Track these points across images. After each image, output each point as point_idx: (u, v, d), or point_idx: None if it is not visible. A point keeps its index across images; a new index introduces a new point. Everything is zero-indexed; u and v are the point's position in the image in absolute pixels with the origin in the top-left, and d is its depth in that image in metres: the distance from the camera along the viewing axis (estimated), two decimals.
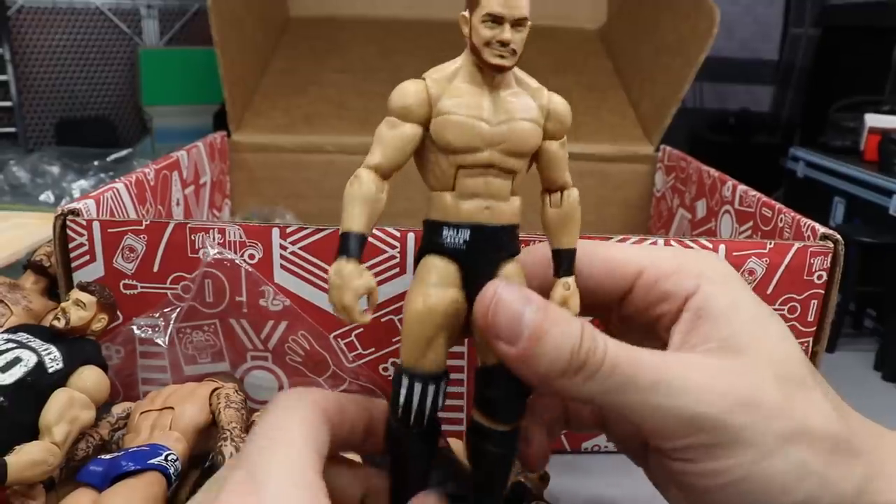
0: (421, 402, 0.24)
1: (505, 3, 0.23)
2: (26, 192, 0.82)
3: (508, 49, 0.24)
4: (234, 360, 0.41)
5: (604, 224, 0.77)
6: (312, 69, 0.85)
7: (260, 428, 0.22)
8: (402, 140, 0.24)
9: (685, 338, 0.24)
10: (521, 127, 0.24)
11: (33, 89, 1.18)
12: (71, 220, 0.38)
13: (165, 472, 0.30)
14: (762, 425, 0.21)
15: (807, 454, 0.21)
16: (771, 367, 0.23)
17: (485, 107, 0.24)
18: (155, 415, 0.34)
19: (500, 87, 0.25)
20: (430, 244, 0.25)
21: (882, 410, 0.27)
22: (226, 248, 0.38)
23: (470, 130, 0.24)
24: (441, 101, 0.24)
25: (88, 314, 0.34)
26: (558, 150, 0.26)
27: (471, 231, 0.24)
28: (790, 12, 1.56)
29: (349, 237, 0.23)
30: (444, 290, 0.24)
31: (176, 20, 1.23)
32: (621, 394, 0.22)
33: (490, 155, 0.24)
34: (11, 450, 0.29)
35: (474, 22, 0.24)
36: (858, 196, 0.76)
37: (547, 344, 0.21)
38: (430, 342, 0.24)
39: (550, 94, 0.26)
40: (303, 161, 0.75)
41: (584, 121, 0.81)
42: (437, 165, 0.25)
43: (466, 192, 0.24)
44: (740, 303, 0.24)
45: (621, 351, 0.22)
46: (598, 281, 0.27)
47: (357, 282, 0.22)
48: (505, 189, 0.25)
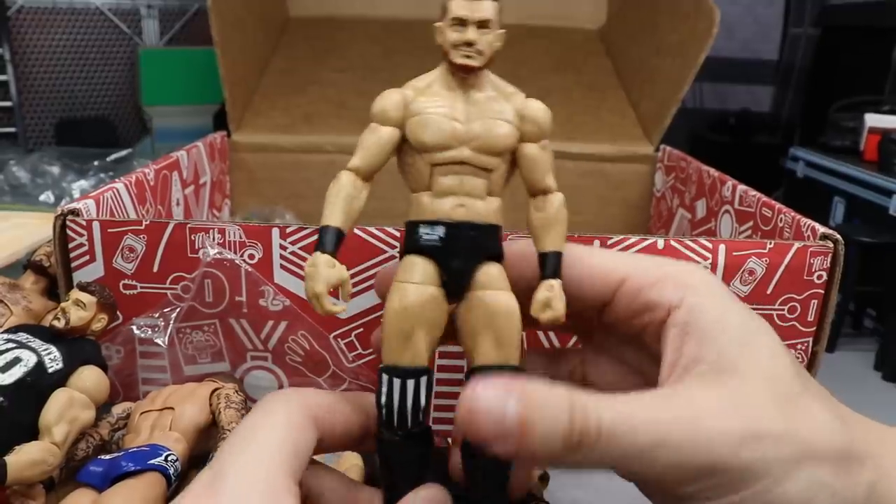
0: (402, 399, 0.24)
1: (467, 6, 0.25)
2: (26, 192, 0.82)
3: (474, 49, 0.25)
4: (234, 360, 0.41)
5: (604, 224, 0.77)
6: (312, 69, 0.85)
7: (237, 429, 0.22)
8: (380, 142, 0.25)
9: (675, 357, 0.24)
10: (493, 125, 0.25)
11: (33, 89, 1.18)
12: (71, 220, 0.38)
13: (165, 472, 0.30)
14: (770, 454, 0.21)
15: (816, 472, 0.21)
16: (768, 388, 0.22)
17: (458, 107, 0.25)
18: (155, 415, 0.34)
19: (474, 91, 0.26)
20: (409, 243, 0.26)
21: (882, 410, 0.27)
22: (226, 248, 0.38)
23: (442, 127, 0.25)
24: (415, 103, 0.25)
25: (88, 314, 0.34)
26: (538, 153, 0.27)
27: (445, 228, 0.25)
28: (790, 12, 1.56)
29: (325, 231, 0.24)
30: (422, 288, 0.25)
31: (176, 20, 1.23)
32: (625, 459, 0.21)
33: (462, 152, 0.25)
34: (11, 450, 0.29)
35: (443, 27, 0.25)
36: (858, 196, 0.76)
37: (536, 435, 0.20)
38: (407, 339, 0.24)
39: (528, 98, 0.27)
40: (303, 161, 0.75)
41: (584, 121, 0.81)
42: (414, 167, 0.26)
43: (441, 190, 0.25)
44: (727, 316, 0.24)
45: (616, 416, 0.21)
46: (580, 287, 0.26)
47: (329, 272, 0.23)
48: (480, 187, 0.25)
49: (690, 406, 0.22)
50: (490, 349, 0.25)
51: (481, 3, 0.25)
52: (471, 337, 0.25)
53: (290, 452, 0.21)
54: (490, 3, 0.25)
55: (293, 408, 0.23)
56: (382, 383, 0.24)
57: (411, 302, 0.24)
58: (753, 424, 0.21)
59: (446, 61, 0.26)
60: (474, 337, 0.25)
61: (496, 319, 0.25)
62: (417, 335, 0.24)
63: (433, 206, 0.25)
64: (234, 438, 0.22)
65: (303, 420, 0.23)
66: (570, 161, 0.76)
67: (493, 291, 0.25)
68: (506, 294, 0.25)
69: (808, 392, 0.23)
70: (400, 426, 0.25)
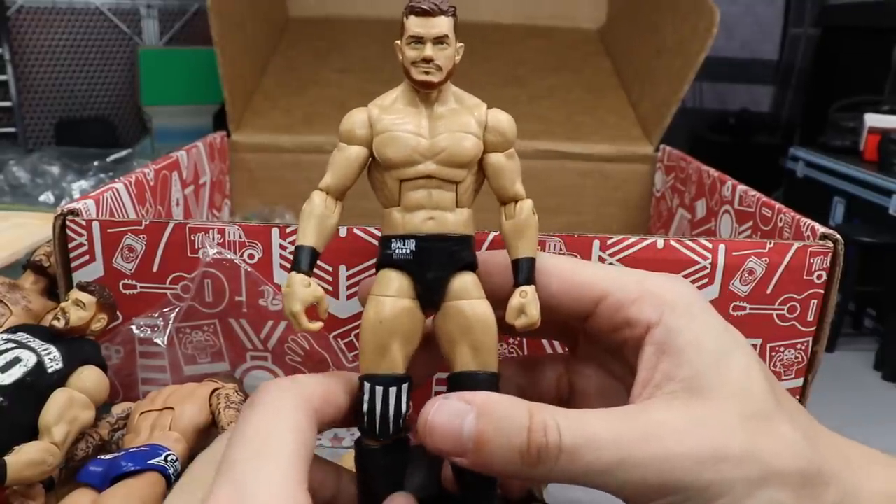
0: (384, 405, 0.25)
1: (423, 24, 0.26)
2: (26, 193, 0.82)
3: (433, 65, 0.26)
4: (234, 360, 0.41)
5: (603, 224, 0.77)
6: (312, 69, 0.85)
7: (245, 431, 0.21)
8: (348, 161, 0.26)
9: (649, 375, 0.24)
10: (456, 138, 0.26)
11: (33, 89, 1.18)
12: (70, 220, 0.38)
13: (165, 472, 0.30)
14: (730, 475, 0.21)
15: (777, 494, 0.21)
16: (736, 407, 0.22)
17: (421, 123, 0.26)
18: (155, 415, 0.34)
19: (437, 105, 0.27)
20: (382, 258, 0.27)
21: (882, 410, 0.27)
22: (225, 248, 0.38)
23: (406, 144, 0.26)
24: (380, 121, 0.26)
25: (88, 314, 0.34)
26: (505, 162, 0.27)
27: (416, 241, 0.26)
28: (790, 12, 1.56)
29: (300, 251, 0.25)
30: (397, 301, 0.26)
31: (176, 20, 1.23)
32: (587, 476, 0.21)
33: (428, 167, 0.26)
34: (11, 450, 0.29)
35: (402, 46, 0.26)
36: (858, 196, 0.76)
37: (493, 448, 0.21)
38: (385, 350, 0.25)
39: (492, 109, 0.28)
40: (303, 161, 0.75)
41: (583, 121, 0.81)
42: (384, 184, 0.27)
43: (411, 204, 0.26)
44: (703, 337, 0.24)
45: (577, 432, 0.21)
46: (560, 301, 0.27)
47: (305, 291, 0.24)
48: (448, 200, 0.26)
49: (655, 425, 0.22)
50: (468, 357, 0.26)
51: (436, 20, 0.26)
52: (448, 346, 0.26)
53: (304, 459, 0.21)
54: (445, 18, 0.26)
55: (297, 405, 0.22)
56: (364, 391, 0.25)
57: (387, 315, 0.25)
58: (717, 444, 0.21)
59: (407, 78, 0.26)
60: (452, 346, 0.26)
61: (473, 328, 0.26)
62: (393, 347, 0.25)
63: (404, 221, 0.26)
64: (245, 443, 0.21)
65: (308, 420, 0.22)
66: (570, 161, 0.76)
67: (467, 301, 0.26)
68: (481, 302, 0.26)
69: (780, 410, 0.23)
70: (382, 433, 0.25)
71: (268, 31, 0.87)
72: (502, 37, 0.93)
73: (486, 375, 0.26)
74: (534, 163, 0.75)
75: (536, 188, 0.71)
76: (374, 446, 0.25)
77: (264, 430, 0.21)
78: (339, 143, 0.27)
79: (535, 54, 0.90)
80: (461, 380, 0.26)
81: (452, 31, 0.26)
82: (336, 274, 0.38)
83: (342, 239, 0.37)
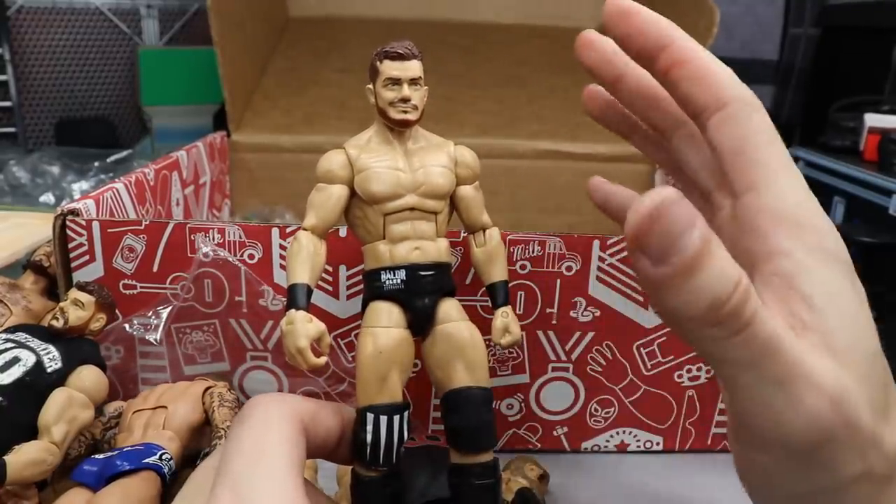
0: (388, 434, 0.25)
1: (399, 67, 0.27)
2: (26, 193, 0.82)
3: (410, 105, 0.28)
4: (234, 360, 0.41)
5: (603, 224, 0.77)
6: (312, 69, 0.85)
7: (240, 443, 0.21)
8: (331, 200, 0.28)
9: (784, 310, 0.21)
10: (434, 171, 0.28)
11: (33, 89, 1.18)
12: (70, 220, 0.38)
13: (160, 471, 0.30)
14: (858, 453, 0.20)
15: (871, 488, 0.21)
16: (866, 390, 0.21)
17: (399, 159, 0.28)
18: (148, 414, 0.34)
19: (409, 142, 0.29)
20: (371, 291, 0.28)
21: None
22: (225, 248, 0.38)
23: (390, 179, 0.27)
24: (360, 160, 0.28)
25: (87, 314, 0.34)
26: (473, 193, 0.30)
27: (406, 271, 0.27)
28: (790, 12, 1.56)
29: (296, 289, 0.26)
30: (392, 331, 0.27)
31: (176, 20, 1.23)
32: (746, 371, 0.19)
33: (410, 199, 0.27)
34: (10, 449, 0.29)
35: (377, 89, 0.28)
36: (858, 196, 0.76)
37: (697, 279, 0.17)
38: (385, 379, 0.26)
39: (457, 145, 0.30)
40: (303, 161, 0.75)
41: (584, 121, 0.80)
42: (366, 220, 0.28)
43: (396, 236, 0.27)
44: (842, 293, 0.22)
45: (769, 325, 0.18)
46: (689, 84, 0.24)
47: (308, 326, 0.25)
48: (430, 230, 0.28)
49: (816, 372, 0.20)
50: (463, 374, 0.27)
51: (410, 63, 0.27)
52: (441, 367, 0.27)
53: (298, 467, 0.21)
54: (417, 62, 0.28)
55: (287, 418, 0.22)
56: (367, 422, 0.25)
57: (384, 346, 0.26)
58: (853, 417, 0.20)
59: (383, 118, 0.28)
60: (445, 367, 0.27)
61: (465, 348, 0.27)
62: (393, 376, 0.26)
63: (391, 253, 0.27)
64: (240, 453, 0.21)
65: (297, 434, 0.22)
66: (570, 161, 0.76)
67: (454, 323, 0.27)
68: (467, 324, 0.28)
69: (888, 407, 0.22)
70: (385, 462, 0.25)
71: (268, 30, 0.87)
72: (502, 37, 0.93)
73: (482, 391, 0.27)
74: (534, 163, 0.75)
75: (536, 188, 0.71)
76: (374, 476, 0.26)
77: (259, 441, 0.21)
78: (317, 184, 0.28)
79: (536, 54, 0.90)
80: (459, 396, 0.26)
81: (422, 73, 0.28)
82: (336, 274, 0.38)
83: (342, 239, 0.37)
